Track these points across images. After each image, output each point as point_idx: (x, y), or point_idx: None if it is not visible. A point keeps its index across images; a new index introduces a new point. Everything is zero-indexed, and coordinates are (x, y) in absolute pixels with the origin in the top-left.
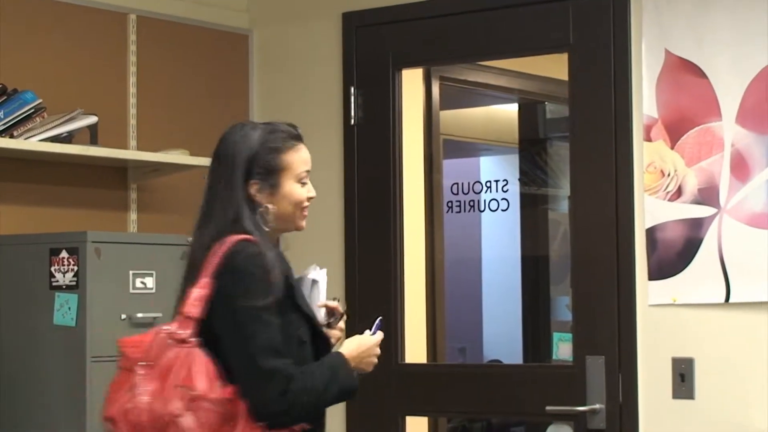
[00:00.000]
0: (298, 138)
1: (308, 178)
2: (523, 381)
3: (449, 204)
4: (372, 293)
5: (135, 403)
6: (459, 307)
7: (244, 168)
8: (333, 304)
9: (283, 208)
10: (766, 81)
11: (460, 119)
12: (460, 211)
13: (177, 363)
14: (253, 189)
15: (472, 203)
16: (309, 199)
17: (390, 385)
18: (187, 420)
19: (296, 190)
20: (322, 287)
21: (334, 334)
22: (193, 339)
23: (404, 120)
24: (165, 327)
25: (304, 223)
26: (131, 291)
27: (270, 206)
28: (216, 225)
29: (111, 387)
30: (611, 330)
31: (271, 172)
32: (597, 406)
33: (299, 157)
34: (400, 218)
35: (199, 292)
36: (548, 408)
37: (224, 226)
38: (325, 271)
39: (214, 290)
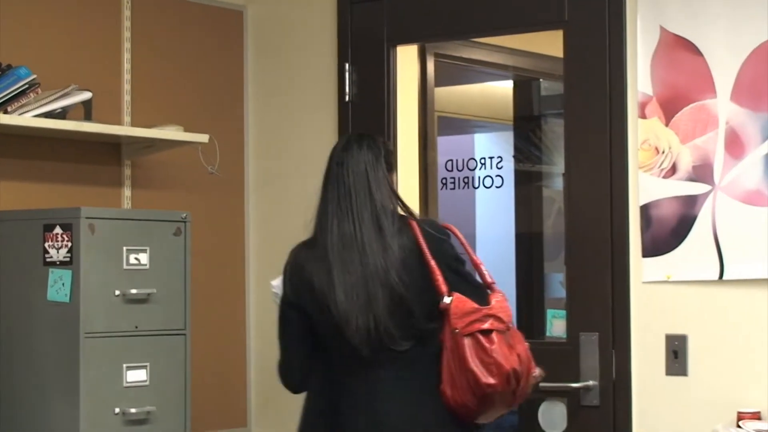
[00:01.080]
0: None
1: None
2: None
3: (443, 181)
4: None
5: (521, 356)
6: None
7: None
8: None
9: None
10: (762, 58)
11: (454, 96)
12: (454, 188)
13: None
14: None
15: (466, 180)
16: None
17: None
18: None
19: None
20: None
21: None
22: None
23: (399, 97)
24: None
25: None
26: (125, 267)
27: None
28: (388, 209)
29: (499, 347)
30: (605, 307)
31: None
32: (590, 382)
33: None
34: None
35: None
36: (541, 385)
37: (392, 208)
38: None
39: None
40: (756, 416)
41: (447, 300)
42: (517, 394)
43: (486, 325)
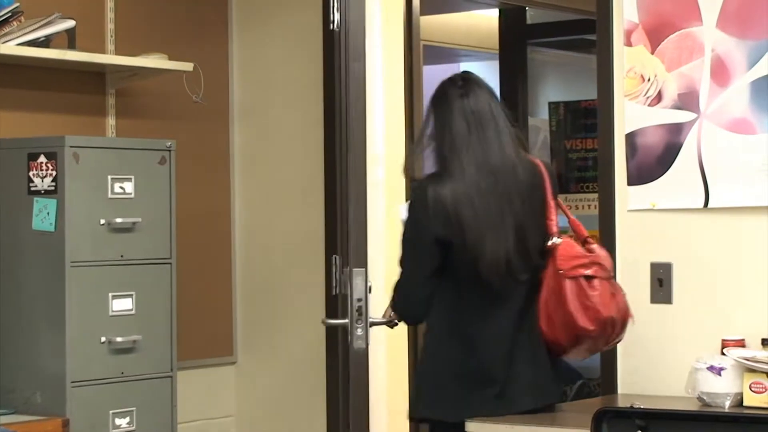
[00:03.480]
0: None
1: None
2: None
3: None
4: None
5: (619, 305)
6: None
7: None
8: None
9: None
10: None
11: (440, 24)
12: None
13: None
14: None
15: None
16: None
17: None
18: None
19: None
20: None
21: None
22: None
23: (385, 25)
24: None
25: None
26: (110, 196)
27: None
28: (512, 143)
29: (600, 295)
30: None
31: None
32: None
33: None
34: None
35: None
36: None
37: (515, 142)
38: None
39: None
40: (740, 344)
41: (557, 241)
42: (610, 340)
43: (590, 272)
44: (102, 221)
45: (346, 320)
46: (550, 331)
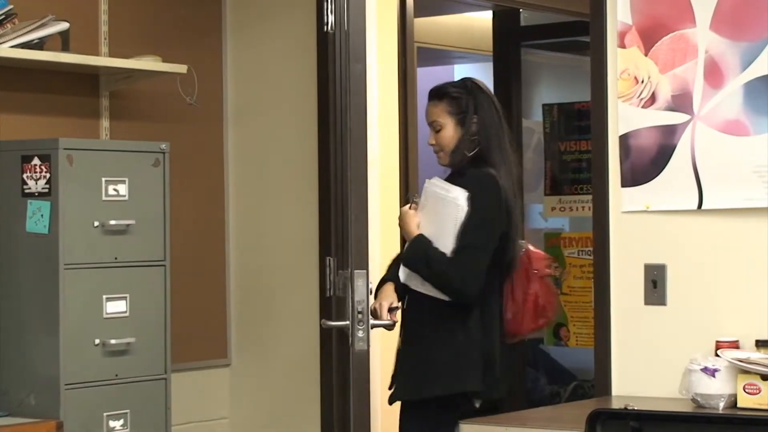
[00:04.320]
0: (429, 96)
1: (432, 127)
2: None
3: None
4: None
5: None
6: None
7: None
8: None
9: None
10: None
11: (434, 26)
12: None
13: None
14: None
15: None
16: (430, 143)
17: None
18: None
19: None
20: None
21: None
22: None
23: (379, 27)
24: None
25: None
26: (104, 198)
27: None
28: None
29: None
30: None
31: None
32: None
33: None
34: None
35: None
36: None
37: None
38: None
39: None
40: (734, 345)
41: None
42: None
43: (555, 273)
44: (96, 223)
45: (346, 322)
46: (514, 324)
